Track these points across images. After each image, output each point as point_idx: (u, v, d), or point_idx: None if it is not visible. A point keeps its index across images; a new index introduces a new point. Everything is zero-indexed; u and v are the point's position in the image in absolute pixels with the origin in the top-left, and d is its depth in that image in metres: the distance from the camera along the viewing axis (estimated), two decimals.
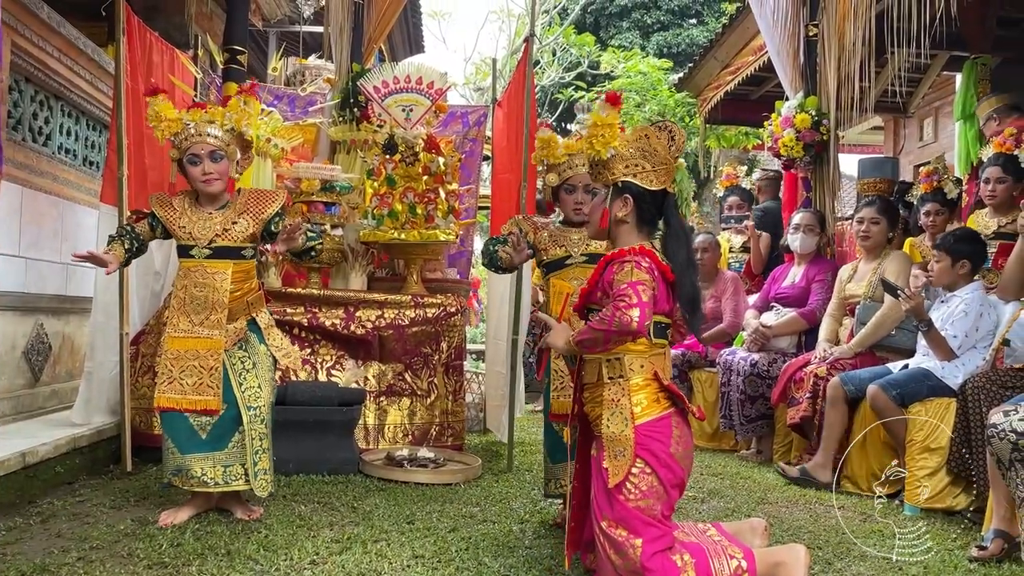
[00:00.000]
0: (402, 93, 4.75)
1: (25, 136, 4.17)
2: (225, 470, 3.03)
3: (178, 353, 3.04)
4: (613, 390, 2.29)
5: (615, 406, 2.28)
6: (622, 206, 2.37)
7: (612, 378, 2.30)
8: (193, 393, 3.01)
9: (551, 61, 16.65)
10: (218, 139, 3.07)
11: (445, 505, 3.42)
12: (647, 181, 2.35)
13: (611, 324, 2.14)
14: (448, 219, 4.67)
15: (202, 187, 3.08)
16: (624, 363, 2.30)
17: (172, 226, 3.09)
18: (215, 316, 3.04)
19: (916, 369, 3.83)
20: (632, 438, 2.24)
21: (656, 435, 2.26)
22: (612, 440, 2.26)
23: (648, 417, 2.27)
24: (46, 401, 4.27)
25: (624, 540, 2.20)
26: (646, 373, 2.31)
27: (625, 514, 2.22)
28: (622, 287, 2.18)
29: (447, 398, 4.50)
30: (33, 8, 3.96)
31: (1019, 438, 2.77)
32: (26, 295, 4.08)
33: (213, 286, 3.05)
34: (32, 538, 2.78)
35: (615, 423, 2.27)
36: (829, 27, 5.40)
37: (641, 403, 2.27)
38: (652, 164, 2.35)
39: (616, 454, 2.25)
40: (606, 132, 2.39)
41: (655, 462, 2.24)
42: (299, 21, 8.13)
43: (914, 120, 8.95)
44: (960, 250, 3.77)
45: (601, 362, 2.32)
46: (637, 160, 2.35)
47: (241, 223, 3.09)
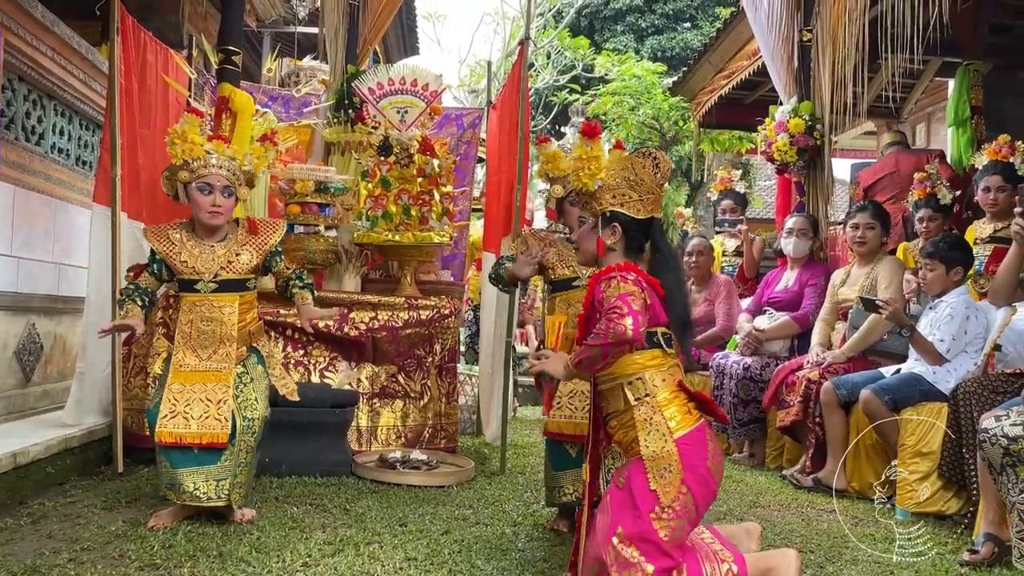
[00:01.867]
0: (397, 95, 4.76)
1: (18, 135, 4.16)
2: (218, 484, 3.00)
3: (183, 387, 3.01)
4: (643, 410, 2.24)
5: (649, 424, 2.23)
6: (611, 234, 2.38)
7: (639, 399, 2.25)
8: (198, 426, 2.96)
9: (545, 64, 16.67)
10: (233, 176, 3.08)
11: (438, 507, 3.41)
12: (634, 210, 2.36)
13: (606, 337, 2.13)
14: (442, 221, 4.67)
15: (206, 218, 3.06)
16: (647, 381, 2.26)
17: (173, 261, 3.06)
18: (224, 350, 3.04)
19: (908, 374, 3.85)
20: (676, 452, 2.19)
21: (694, 448, 2.21)
22: (654, 459, 2.19)
23: (685, 430, 2.22)
24: (37, 401, 4.25)
25: (636, 562, 2.13)
26: (671, 385, 2.28)
27: (648, 535, 2.15)
28: (612, 301, 2.17)
29: (440, 400, 4.50)
30: (27, 7, 3.95)
31: (1010, 443, 2.78)
32: (18, 295, 4.07)
33: (221, 320, 3.05)
34: (23, 539, 2.77)
35: (654, 441, 2.21)
36: (823, 32, 5.43)
37: (675, 416, 2.23)
38: (639, 193, 2.37)
39: (661, 472, 2.18)
40: (591, 164, 2.41)
41: (693, 479, 2.19)
42: (294, 22, 8.13)
43: (907, 125, 8.99)
44: (953, 257, 3.79)
45: (623, 386, 2.28)
46: (624, 190, 2.37)
47: (244, 255, 3.09)
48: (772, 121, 5.64)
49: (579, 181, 2.42)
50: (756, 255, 6.08)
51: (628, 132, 12.57)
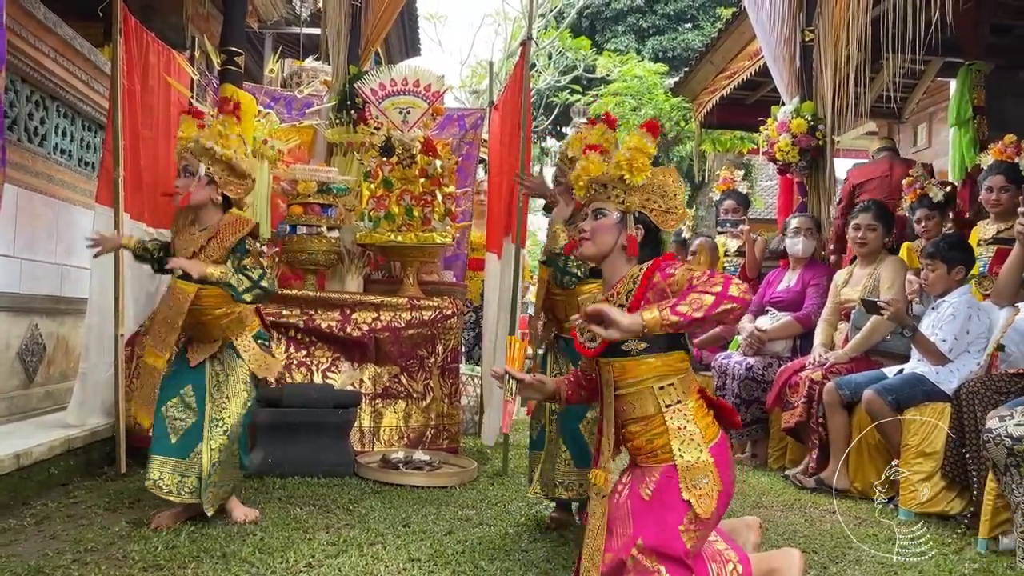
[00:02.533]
0: (399, 96, 4.77)
1: (21, 136, 4.16)
2: (181, 479, 3.00)
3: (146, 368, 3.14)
4: (676, 418, 2.18)
5: (683, 432, 2.16)
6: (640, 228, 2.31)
7: (669, 405, 2.18)
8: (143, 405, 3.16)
9: (547, 64, 16.67)
10: (192, 154, 3.05)
11: (441, 508, 3.41)
12: (659, 219, 2.30)
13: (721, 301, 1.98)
14: (444, 222, 4.67)
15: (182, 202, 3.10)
16: (678, 387, 2.21)
17: (172, 244, 3.16)
18: (170, 337, 3.05)
19: (911, 374, 3.84)
20: (712, 462, 2.14)
21: (723, 458, 2.18)
22: (689, 468, 2.13)
23: (714, 440, 2.18)
24: (40, 402, 4.26)
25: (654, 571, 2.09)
26: (695, 395, 2.24)
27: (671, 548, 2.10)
28: (697, 273, 2.07)
29: (443, 401, 4.50)
30: (29, 8, 3.95)
31: (1014, 443, 2.78)
32: (21, 296, 4.07)
33: (179, 308, 3.02)
34: (26, 540, 2.77)
35: (689, 451, 2.14)
36: (825, 32, 5.43)
37: (706, 425, 2.19)
38: (665, 204, 2.31)
39: (697, 482, 2.12)
40: (644, 160, 2.27)
41: (722, 491, 2.16)
42: (296, 23, 8.12)
43: (908, 126, 9.00)
44: (954, 257, 3.79)
45: (653, 390, 2.19)
46: (656, 197, 2.30)
47: (210, 247, 3.06)
48: (774, 121, 5.65)
49: (627, 171, 2.27)
50: (758, 255, 6.08)
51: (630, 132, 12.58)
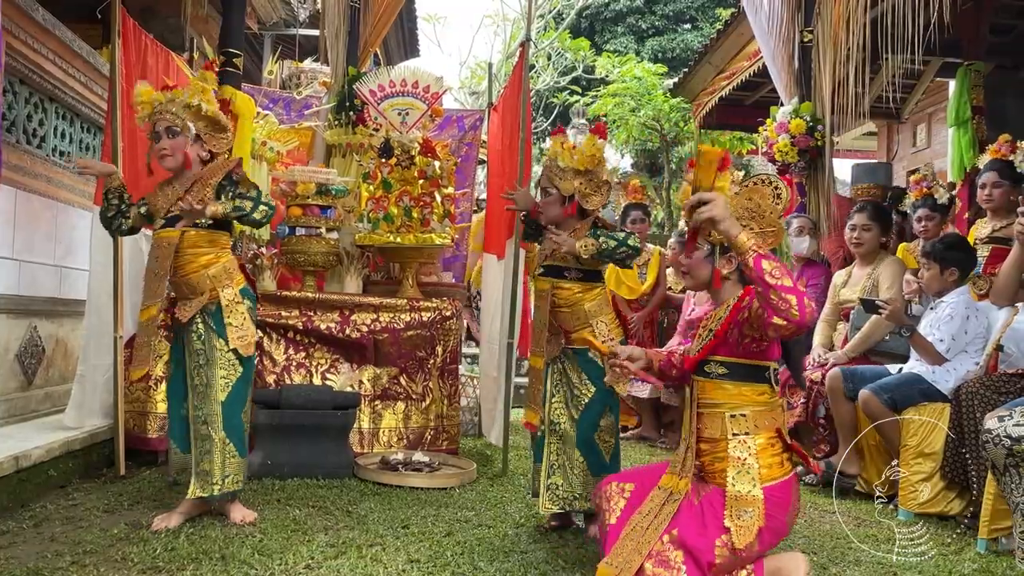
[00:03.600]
0: (398, 97, 4.77)
1: (19, 138, 4.16)
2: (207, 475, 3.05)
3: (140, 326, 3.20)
4: (738, 448, 2.20)
5: (741, 465, 2.19)
6: (727, 264, 2.32)
7: (736, 434, 2.21)
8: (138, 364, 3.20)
9: (546, 65, 16.67)
10: (174, 115, 3.10)
11: (440, 509, 3.41)
12: (755, 243, 2.18)
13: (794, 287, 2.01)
14: (444, 223, 4.67)
15: (160, 163, 3.12)
16: (749, 419, 2.22)
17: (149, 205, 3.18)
18: (158, 287, 3.11)
19: (908, 374, 3.84)
20: (761, 499, 2.15)
21: (779, 499, 2.18)
22: (738, 500, 2.16)
23: (775, 480, 2.19)
24: (39, 404, 4.25)
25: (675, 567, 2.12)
26: (770, 431, 2.24)
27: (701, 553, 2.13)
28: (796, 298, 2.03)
29: (442, 402, 4.49)
30: (28, 10, 3.95)
31: (1014, 443, 2.78)
32: (19, 297, 4.06)
33: (165, 256, 3.07)
34: (25, 542, 2.77)
35: (742, 482, 2.17)
36: (824, 33, 5.43)
37: (769, 464, 2.20)
38: (760, 225, 2.27)
39: (740, 514, 2.15)
40: (723, 186, 2.25)
41: (768, 532, 2.16)
42: (295, 24, 8.13)
43: (908, 126, 9.00)
44: (948, 258, 3.79)
45: (725, 416, 2.24)
46: (746, 221, 2.26)
47: (194, 191, 3.09)
48: (773, 122, 5.65)
49: (713, 188, 2.25)
50: None
51: (629, 133, 12.58)
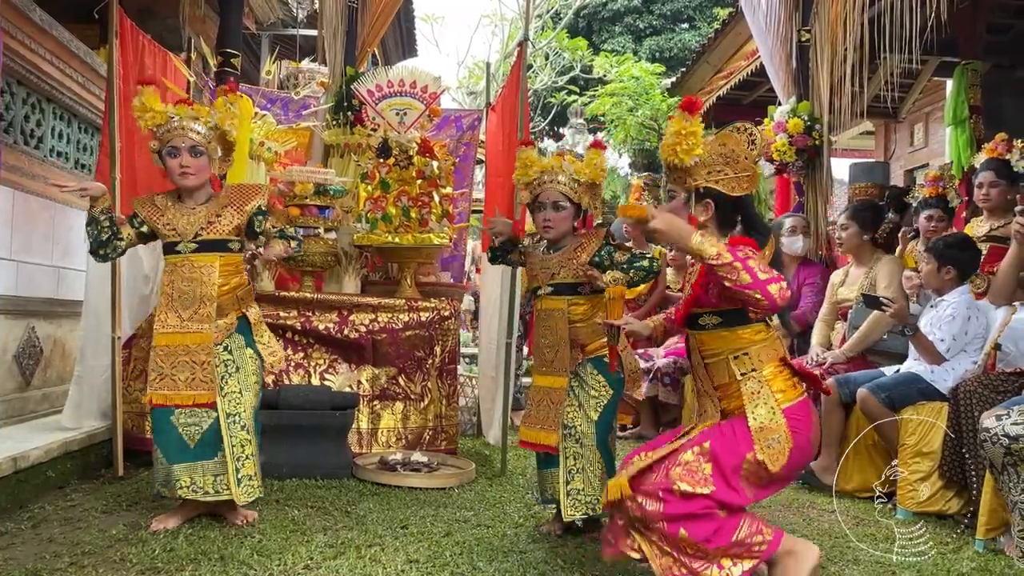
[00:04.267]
0: (396, 97, 4.76)
1: (17, 139, 4.16)
2: (215, 479, 3.00)
3: (168, 349, 3.04)
4: (750, 384, 2.29)
5: (757, 397, 2.27)
6: (703, 211, 2.36)
7: (744, 374, 2.30)
8: (185, 388, 3.00)
9: (544, 65, 16.68)
10: (200, 135, 3.08)
11: (439, 509, 3.41)
12: (728, 187, 2.34)
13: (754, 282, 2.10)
14: (442, 223, 4.66)
15: (178, 180, 3.09)
16: (752, 357, 2.30)
17: (156, 224, 3.10)
18: (204, 310, 3.05)
19: (906, 373, 3.85)
20: (784, 423, 2.23)
21: (800, 418, 2.26)
22: (762, 430, 2.23)
23: (791, 401, 2.27)
24: (37, 405, 4.25)
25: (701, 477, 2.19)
26: (775, 360, 2.32)
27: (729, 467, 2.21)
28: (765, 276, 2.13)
29: (440, 402, 4.49)
30: (25, 10, 3.95)
31: (1012, 442, 2.79)
32: (17, 298, 4.06)
33: (201, 280, 3.06)
34: (23, 543, 2.76)
35: (762, 413, 2.25)
36: (821, 32, 5.43)
37: (782, 389, 2.28)
38: (734, 170, 2.34)
39: (770, 443, 2.22)
40: (689, 140, 2.32)
41: (797, 449, 2.24)
42: (292, 24, 8.13)
43: (905, 125, 9.01)
44: (947, 256, 3.79)
45: (728, 360, 2.32)
46: (720, 166, 2.34)
47: (226, 216, 3.11)
48: (771, 121, 5.65)
49: (674, 156, 2.34)
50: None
51: (627, 133, 12.59)
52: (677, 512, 2.20)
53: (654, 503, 2.23)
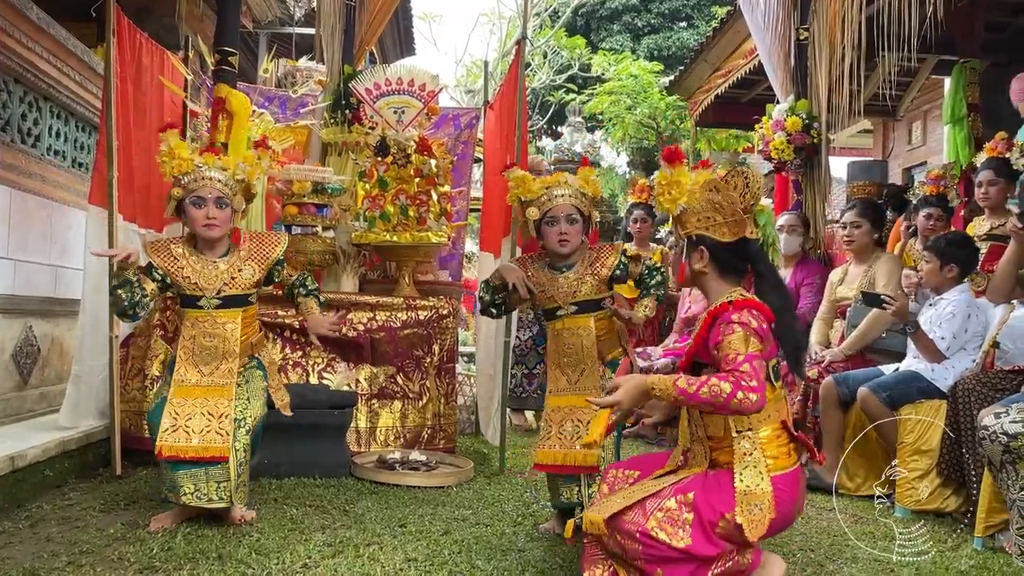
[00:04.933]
0: (394, 95, 4.75)
1: (14, 137, 4.15)
2: (219, 486, 2.97)
3: (184, 401, 2.99)
4: (744, 444, 2.21)
5: (748, 459, 2.20)
6: (699, 258, 2.32)
7: (740, 431, 2.22)
8: (199, 440, 2.93)
9: (542, 64, 16.68)
10: (227, 187, 3.04)
11: (437, 508, 3.41)
12: (719, 234, 2.29)
13: (728, 402, 2.06)
14: (440, 221, 4.66)
15: (202, 231, 3.03)
16: (752, 416, 2.21)
17: (175, 277, 3.03)
18: (226, 366, 3.03)
19: (906, 371, 3.85)
20: (771, 492, 2.16)
21: (787, 490, 2.20)
22: (747, 494, 2.16)
23: (782, 470, 2.21)
24: (35, 404, 4.24)
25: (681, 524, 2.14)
26: (774, 423, 2.25)
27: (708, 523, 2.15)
28: (739, 360, 2.10)
29: (439, 401, 4.49)
30: (22, 9, 3.94)
31: (1010, 440, 2.79)
32: (14, 297, 4.05)
33: (223, 336, 3.04)
34: (21, 542, 2.76)
35: (749, 477, 2.18)
36: (819, 31, 5.43)
37: (775, 455, 2.21)
38: (723, 216, 2.29)
39: (751, 509, 2.15)
40: (673, 190, 2.32)
41: (777, 519, 2.18)
42: (290, 23, 8.11)
43: (903, 123, 9.02)
44: (949, 254, 3.79)
45: (727, 417, 2.23)
46: (708, 213, 2.30)
47: (247, 270, 3.08)
48: (769, 120, 5.65)
49: (660, 207, 2.36)
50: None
51: (625, 131, 12.59)
52: (655, 555, 2.15)
53: (632, 544, 2.17)
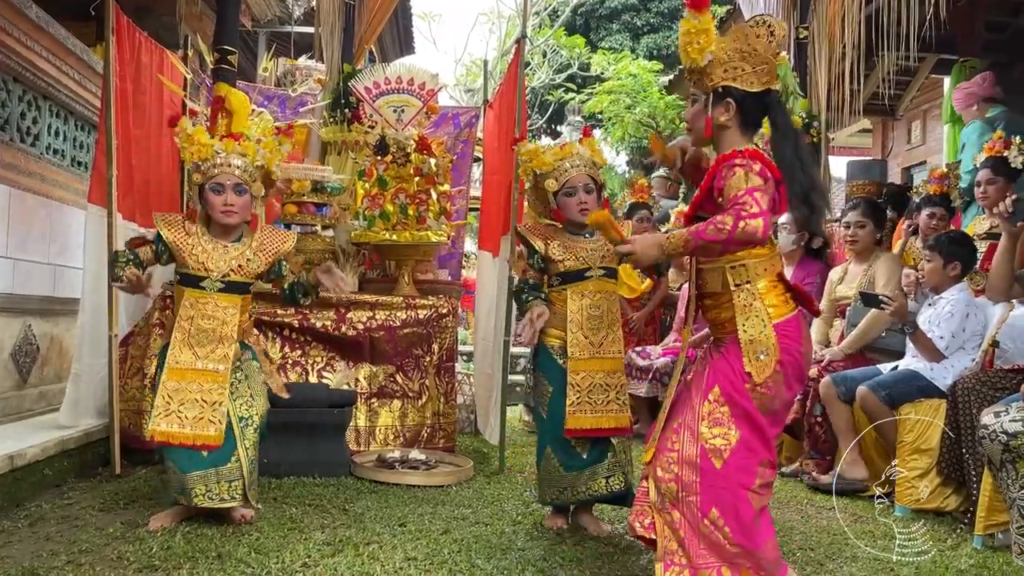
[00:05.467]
0: (393, 94, 4.75)
1: (13, 136, 4.14)
2: (230, 485, 2.97)
3: (178, 385, 2.98)
4: (743, 296, 2.27)
5: (749, 310, 2.25)
6: (723, 111, 2.28)
7: (739, 284, 2.27)
8: (192, 427, 2.93)
9: (541, 63, 16.67)
10: (246, 173, 3.05)
11: (437, 507, 3.41)
12: (748, 83, 2.26)
13: (732, 233, 2.08)
14: (439, 220, 4.66)
15: (220, 217, 3.04)
16: (748, 269, 2.27)
17: (183, 254, 3.03)
18: (222, 351, 3.02)
19: (905, 370, 3.85)
20: (774, 337, 2.22)
21: (791, 334, 2.26)
22: (751, 342, 2.23)
23: (782, 317, 2.26)
24: (34, 403, 4.24)
25: (724, 422, 2.20)
26: (770, 276, 2.30)
27: (741, 398, 2.22)
28: (739, 194, 2.12)
29: (438, 400, 4.49)
30: (22, 8, 3.93)
31: (1010, 439, 2.79)
32: (13, 296, 4.05)
33: (223, 319, 3.04)
34: (20, 542, 2.75)
35: (753, 326, 2.24)
36: (819, 30, 5.43)
37: (774, 304, 2.26)
38: (752, 65, 2.25)
39: (757, 355, 2.22)
40: (701, 38, 2.27)
41: (788, 361, 2.24)
42: (289, 21, 8.11)
43: (903, 123, 9.01)
44: (953, 252, 3.79)
45: (724, 270, 2.29)
46: (736, 63, 2.26)
47: (255, 260, 3.10)
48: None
49: (687, 57, 2.30)
50: None
51: (625, 131, 12.59)
52: (714, 483, 2.19)
53: (691, 472, 2.22)
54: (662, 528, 2.26)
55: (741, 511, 2.19)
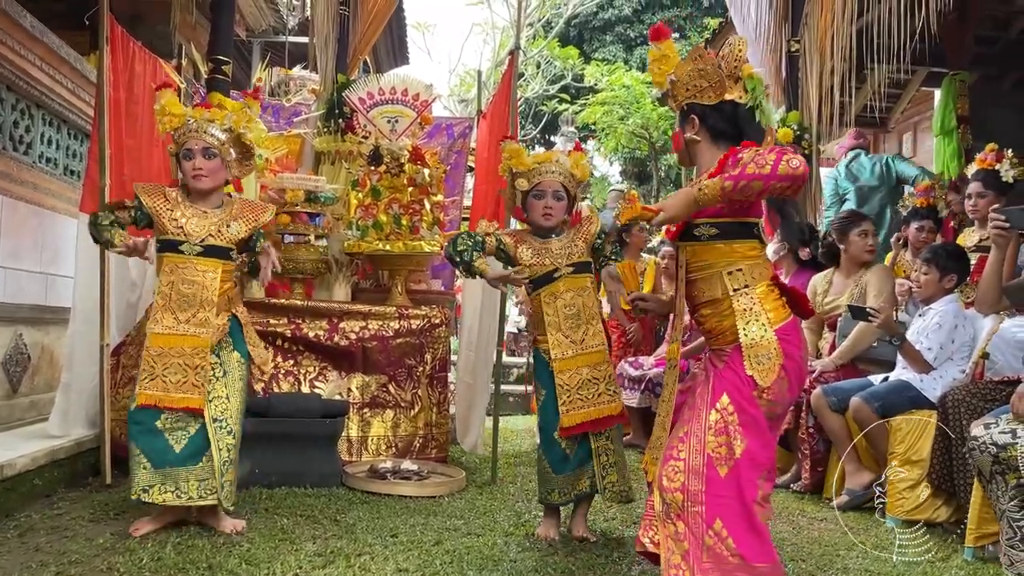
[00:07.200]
0: (387, 104, 4.77)
1: (6, 145, 4.14)
2: (200, 484, 2.98)
3: (161, 350, 3.02)
4: (742, 300, 2.31)
5: (749, 314, 2.29)
6: (691, 127, 2.43)
7: (737, 289, 2.32)
8: (176, 391, 2.98)
9: (535, 74, 16.72)
10: (214, 137, 3.11)
11: (429, 518, 3.40)
12: (707, 98, 2.41)
13: (776, 167, 2.11)
14: (433, 230, 4.66)
15: (191, 182, 3.11)
16: (745, 273, 2.33)
17: (162, 218, 3.08)
18: (202, 314, 3.04)
19: (896, 381, 3.86)
20: (775, 341, 2.26)
21: (791, 339, 2.30)
22: (753, 346, 2.26)
23: (782, 321, 2.30)
24: (25, 412, 4.22)
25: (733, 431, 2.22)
26: (766, 279, 2.35)
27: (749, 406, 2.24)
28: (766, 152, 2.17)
29: (431, 410, 4.48)
30: (16, 16, 3.94)
31: (1000, 451, 2.80)
32: (5, 305, 4.04)
33: (203, 284, 3.06)
34: (9, 552, 2.74)
35: (753, 330, 2.28)
36: (811, 42, 5.46)
37: (773, 308, 2.31)
38: (708, 81, 2.40)
39: (759, 360, 2.25)
40: (663, 64, 2.49)
41: (791, 367, 2.27)
42: (284, 32, 8.13)
43: (893, 135, 9.06)
44: (949, 266, 3.82)
45: (722, 275, 2.34)
46: (695, 81, 2.42)
47: (235, 226, 3.14)
48: None
49: (655, 82, 2.52)
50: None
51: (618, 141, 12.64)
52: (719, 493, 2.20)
53: (697, 481, 2.23)
54: (665, 540, 2.27)
55: (745, 523, 2.20)
